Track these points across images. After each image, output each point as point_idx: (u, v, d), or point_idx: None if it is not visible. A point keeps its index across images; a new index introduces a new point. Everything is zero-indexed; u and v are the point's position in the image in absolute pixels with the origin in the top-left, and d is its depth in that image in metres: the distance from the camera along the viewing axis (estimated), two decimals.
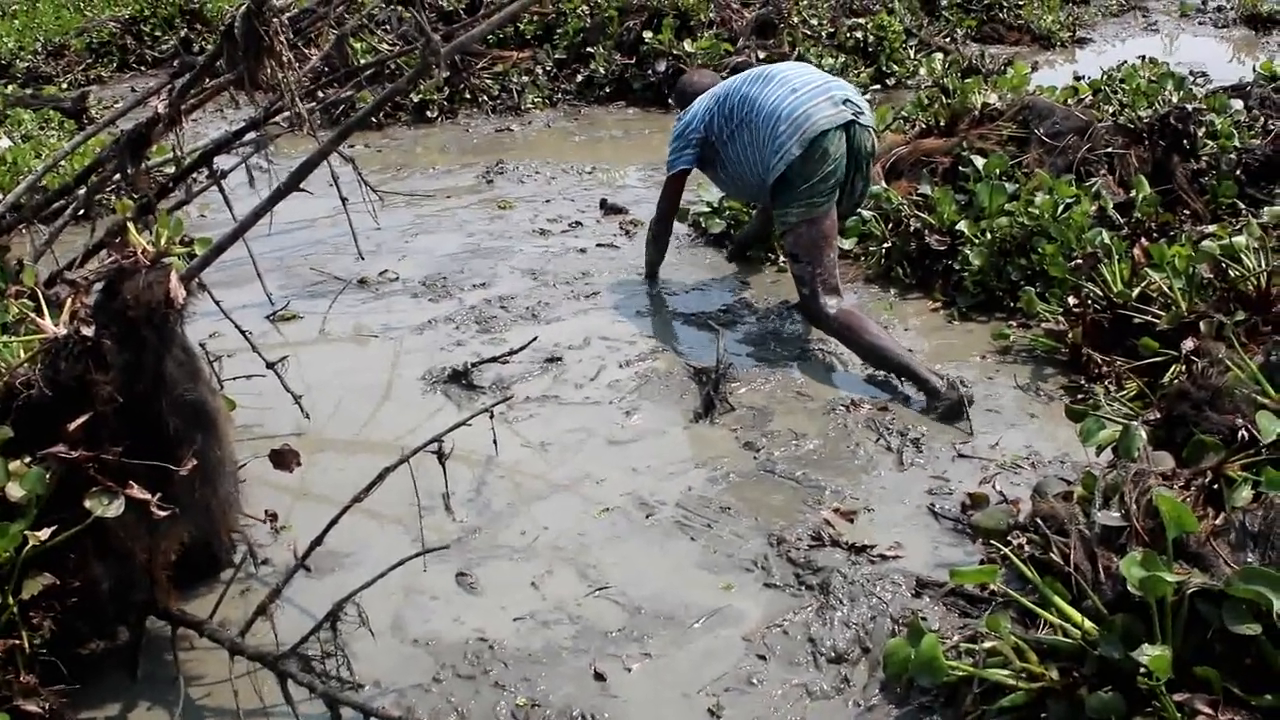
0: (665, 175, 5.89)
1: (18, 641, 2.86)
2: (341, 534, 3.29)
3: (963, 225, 5.76)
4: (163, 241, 3.19)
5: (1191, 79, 8.08)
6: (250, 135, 4.80)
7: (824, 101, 5.09)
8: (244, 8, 3.60)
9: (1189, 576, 2.64)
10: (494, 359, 5.08)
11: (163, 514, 2.95)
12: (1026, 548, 3.26)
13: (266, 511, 3.73)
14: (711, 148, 5.53)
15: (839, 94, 5.15)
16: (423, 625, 3.41)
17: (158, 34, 13.60)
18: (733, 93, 5.45)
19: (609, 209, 7.48)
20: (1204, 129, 6.38)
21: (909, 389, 4.75)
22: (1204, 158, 6.27)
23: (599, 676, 3.16)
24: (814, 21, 11.44)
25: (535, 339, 5.21)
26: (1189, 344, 4.21)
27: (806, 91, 5.14)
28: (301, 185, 3.67)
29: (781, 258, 6.22)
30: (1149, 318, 4.67)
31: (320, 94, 6.56)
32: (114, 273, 3.05)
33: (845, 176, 5.19)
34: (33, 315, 3.21)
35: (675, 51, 10.60)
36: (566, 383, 4.96)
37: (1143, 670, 2.54)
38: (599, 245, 6.81)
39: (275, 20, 3.62)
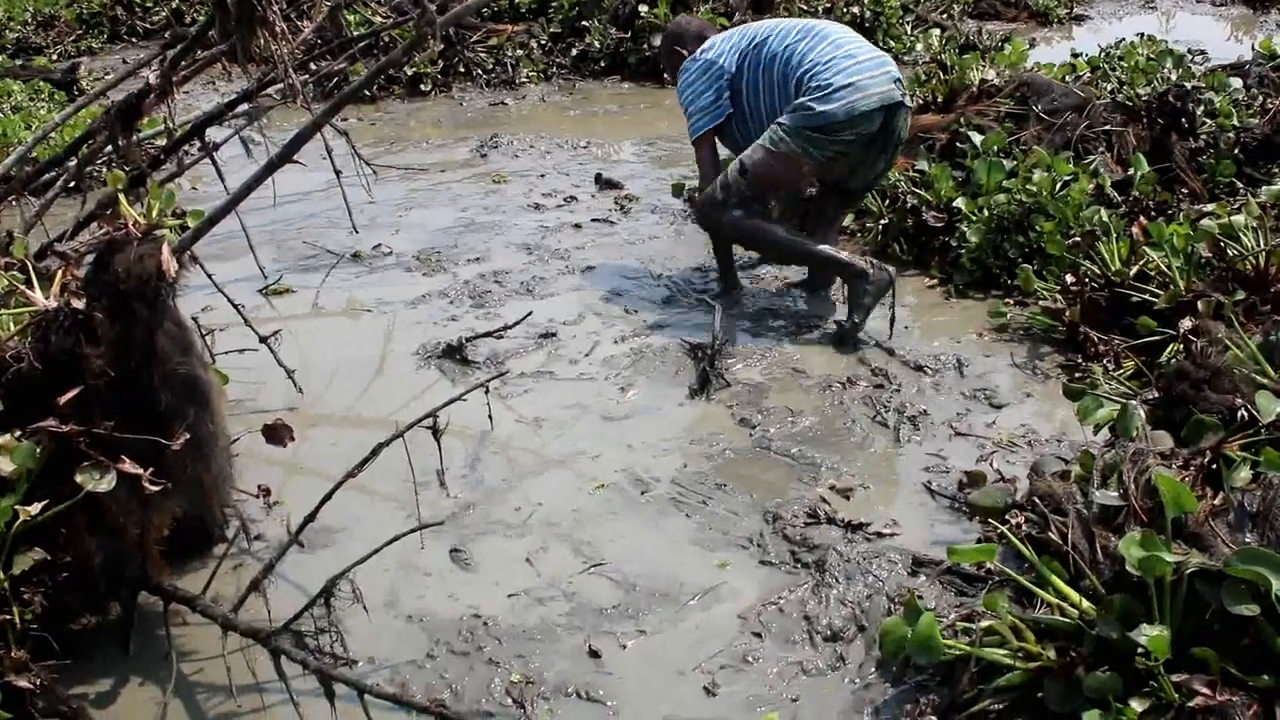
0: (692, 141, 5.49)
1: (9, 617, 2.83)
2: (334, 509, 3.27)
3: (960, 202, 5.73)
4: (154, 214, 3.16)
5: (1190, 57, 8.04)
6: (243, 107, 4.75)
7: (882, 75, 5.04)
8: None
9: (1188, 557, 2.62)
10: (488, 334, 5.06)
11: (155, 489, 2.92)
12: (1024, 527, 3.25)
13: (259, 486, 3.70)
14: (735, 94, 5.30)
15: (893, 71, 5.11)
16: (416, 601, 3.39)
17: (149, 5, 13.53)
18: (774, 40, 5.22)
19: (604, 184, 7.45)
20: (1202, 107, 6.35)
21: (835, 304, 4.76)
22: (1202, 136, 6.24)
23: (594, 653, 3.15)
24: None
25: (530, 314, 5.18)
26: (1187, 323, 4.20)
27: (866, 60, 5.06)
28: (295, 158, 3.64)
29: None
30: (1147, 296, 4.65)
31: (313, 66, 6.51)
32: (105, 245, 3.02)
33: (866, 153, 5.17)
34: (23, 288, 3.18)
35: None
36: (561, 358, 4.94)
37: (1141, 650, 2.53)
38: (594, 220, 6.78)
39: None
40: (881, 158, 5.27)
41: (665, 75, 5.68)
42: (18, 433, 2.90)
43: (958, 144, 6.37)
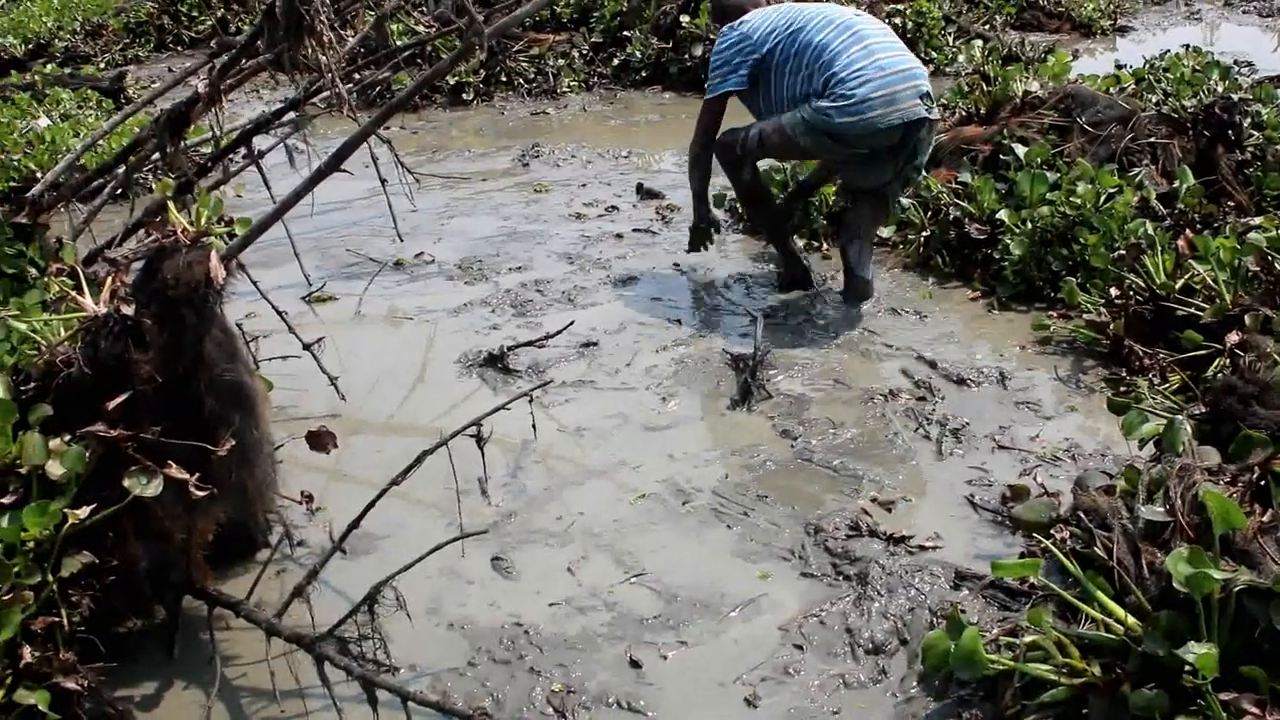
0: (705, 98, 5.67)
1: (57, 619, 2.86)
2: (376, 516, 3.28)
3: (1003, 214, 5.70)
4: (203, 221, 3.19)
5: (1236, 68, 7.97)
6: (289, 115, 4.78)
7: (908, 90, 5.05)
8: None
9: (1236, 574, 2.60)
10: (530, 343, 5.07)
11: (200, 494, 2.95)
12: (1068, 541, 3.23)
13: (302, 492, 3.73)
14: (765, 71, 5.40)
15: (922, 85, 5.11)
16: (458, 609, 3.40)
17: (195, 14, 13.67)
18: (811, 28, 5.27)
19: (645, 194, 7.45)
20: (1249, 119, 6.28)
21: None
22: (1249, 149, 6.17)
23: (634, 664, 3.15)
24: (852, 7, 11.34)
25: (571, 323, 5.19)
26: (1234, 337, 4.16)
27: (894, 73, 5.07)
28: (341, 166, 3.66)
29: (825, 245, 6.33)
30: (1193, 310, 4.61)
31: (357, 75, 6.55)
32: (154, 252, 3.05)
33: (876, 157, 5.23)
34: (73, 293, 3.21)
35: (713, 36, 10.52)
36: (602, 368, 4.94)
37: (1188, 668, 2.50)
38: (635, 230, 6.78)
39: (316, 0, 3.61)
40: (891, 166, 5.28)
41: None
42: (67, 437, 2.93)
43: (1001, 156, 6.34)
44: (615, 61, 11.12)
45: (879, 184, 5.42)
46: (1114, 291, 4.94)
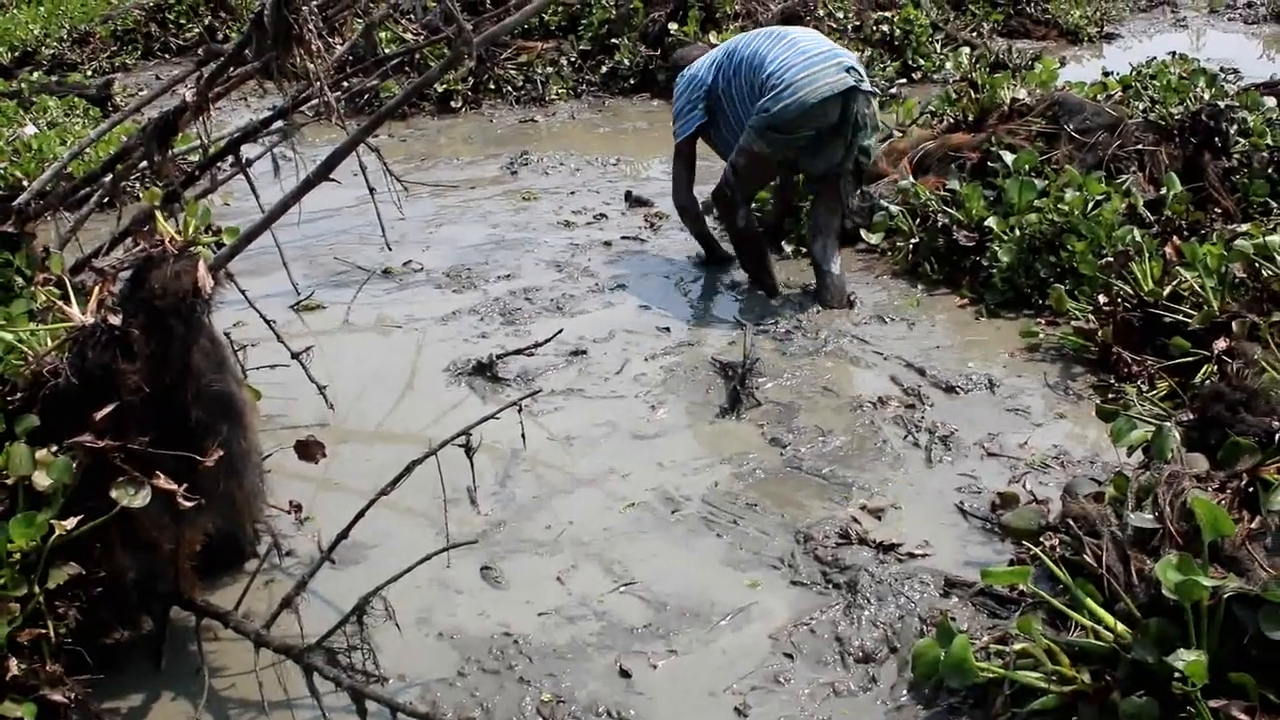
0: (674, 144, 6.09)
1: (44, 631, 2.85)
2: (364, 525, 3.27)
3: (991, 221, 5.71)
4: (190, 230, 3.18)
5: (1223, 75, 8.00)
6: (277, 124, 4.77)
7: (832, 66, 5.38)
8: None
9: (1225, 581, 2.61)
10: (519, 351, 5.06)
11: (188, 504, 2.94)
12: (1058, 549, 3.23)
13: (290, 502, 3.71)
14: (716, 100, 5.81)
15: (845, 61, 5.44)
16: (448, 619, 3.40)
17: (182, 22, 13.61)
18: (743, 46, 5.72)
19: (634, 201, 7.45)
20: (1236, 126, 6.30)
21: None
22: (1236, 155, 6.19)
23: (624, 673, 3.14)
24: (840, 14, 11.39)
25: (560, 332, 5.18)
26: (1222, 344, 4.17)
27: (816, 55, 5.42)
28: (330, 175, 3.66)
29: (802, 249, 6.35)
30: (1180, 317, 4.62)
31: (345, 84, 6.54)
32: (142, 261, 3.04)
33: (825, 139, 5.49)
34: (60, 303, 3.20)
35: (701, 43, 10.54)
36: (591, 376, 4.94)
37: (1177, 675, 2.51)
38: (624, 238, 6.78)
39: (305, 8, 3.60)
40: (840, 143, 5.53)
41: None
42: (54, 447, 2.92)
43: (989, 163, 6.35)
44: (604, 69, 11.11)
45: (834, 165, 5.64)
46: (1102, 298, 4.94)
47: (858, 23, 11.32)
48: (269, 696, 3.06)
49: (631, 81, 10.99)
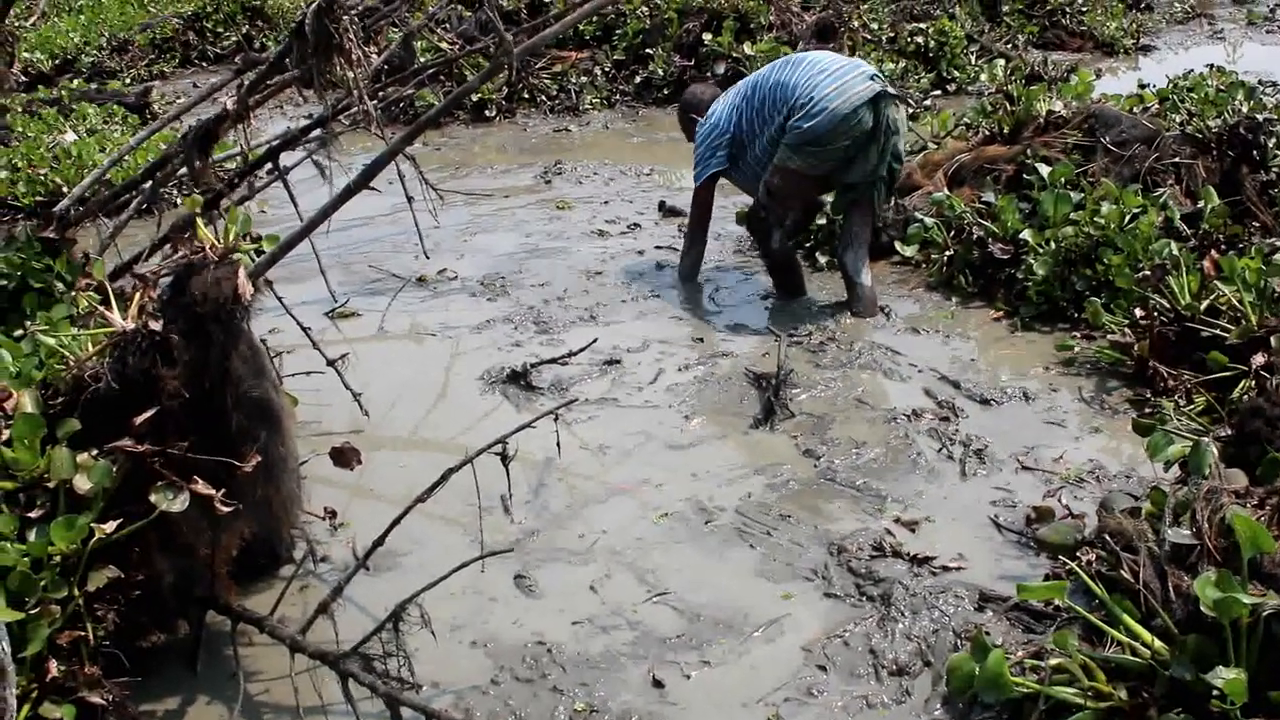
0: (694, 185, 6.13)
1: (83, 633, 2.88)
2: (399, 533, 3.28)
3: (1027, 234, 5.69)
4: (231, 237, 3.20)
5: (1261, 88, 7.94)
6: (316, 133, 4.80)
7: (856, 76, 5.46)
8: (315, 5, 3.61)
9: (1265, 598, 2.59)
10: (552, 360, 5.08)
11: (226, 509, 2.96)
12: (1094, 564, 3.21)
13: (325, 509, 3.74)
14: (740, 145, 5.84)
15: (868, 70, 5.53)
16: (481, 627, 3.41)
17: (219, 30, 13.74)
18: (762, 83, 5.77)
19: (667, 211, 7.46)
20: (1274, 140, 6.26)
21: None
22: (1274, 169, 6.15)
23: (657, 683, 3.15)
24: (874, 26, 11.38)
25: (594, 341, 5.20)
26: (1260, 359, 4.14)
27: (839, 70, 5.51)
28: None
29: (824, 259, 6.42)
30: (1218, 331, 4.58)
31: (382, 93, 6.57)
32: (183, 268, 3.07)
33: (860, 148, 5.54)
34: (101, 309, 3.23)
35: (735, 54, 10.54)
36: (625, 385, 4.95)
37: (1216, 693, 2.49)
38: (657, 247, 6.79)
39: (345, 18, 3.63)
40: (875, 150, 5.58)
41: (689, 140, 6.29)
42: (94, 451, 2.95)
43: (1024, 176, 6.32)
44: (638, 79, 11.13)
45: (869, 173, 5.64)
46: (1138, 312, 4.91)
47: (892, 34, 11.29)
48: (304, 702, 3.08)
49: (665, 91, 10.98)
